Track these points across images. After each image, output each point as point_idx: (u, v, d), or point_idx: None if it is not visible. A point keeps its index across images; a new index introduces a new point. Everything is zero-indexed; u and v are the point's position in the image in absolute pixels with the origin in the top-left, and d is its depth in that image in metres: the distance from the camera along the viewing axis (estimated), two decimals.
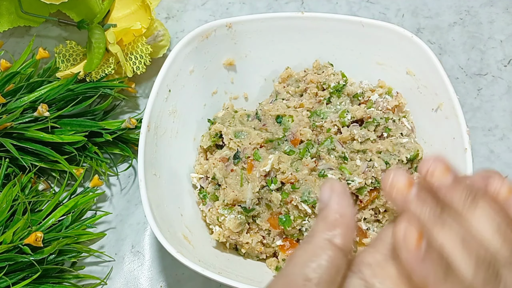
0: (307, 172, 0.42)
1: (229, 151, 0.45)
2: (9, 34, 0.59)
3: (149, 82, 0.56)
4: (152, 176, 0.42)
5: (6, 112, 0.47)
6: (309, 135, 0.43)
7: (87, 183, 0.50)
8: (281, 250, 0.43)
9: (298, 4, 0.61)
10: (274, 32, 0.48)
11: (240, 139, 0.44)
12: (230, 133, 0.45)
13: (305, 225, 0.42)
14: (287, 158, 0.42)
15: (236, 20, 0.47)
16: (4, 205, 0.44)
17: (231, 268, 0.41)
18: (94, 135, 0.50)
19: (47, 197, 0.47)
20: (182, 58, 0.46)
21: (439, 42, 0.58)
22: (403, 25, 0.58)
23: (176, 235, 0.41)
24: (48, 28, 0.59)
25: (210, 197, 0.44)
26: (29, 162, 0.47)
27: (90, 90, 0.51)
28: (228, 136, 0.45)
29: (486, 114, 0.54)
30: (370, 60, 0.48)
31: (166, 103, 0.45)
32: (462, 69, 0.56)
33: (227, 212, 0.42)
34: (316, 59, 0.49)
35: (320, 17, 0.47)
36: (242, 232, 0.43)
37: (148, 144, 0.42)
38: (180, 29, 0.59)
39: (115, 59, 0.52)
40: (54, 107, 0.49)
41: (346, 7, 0.60)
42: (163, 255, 0.48)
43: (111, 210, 0.50)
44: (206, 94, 0.49)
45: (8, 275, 0.41)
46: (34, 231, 0.42)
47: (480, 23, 0.59)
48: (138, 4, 0.52)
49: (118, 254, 0.48)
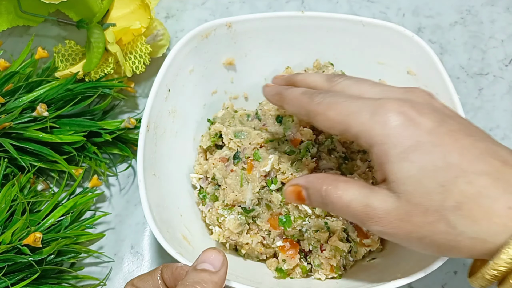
0: (308, 172, 0.42)
1: (229, 151, 0.45)
2: (8, 34, 0.58)
3: (149, 81, 0.56)
4: (152, 176, 0.42)
5: (4, 112, 0.47)
6: (310, 135, 0.43)
7: (86, 183, 0.50)
8: (281, 251, 0.42)
9: (299, 3, 0.61)
10: (274, 31, 0.48)
11: (240, 139, 0.44)
12: (230, 133, 0.45)
13: (305, 226, 0.42)
14: (287, 158, 0.42)
15: (236, 19, 0.47)
16: (3, 206, 0.44)
17: (230, 268, 0.41)
18: (93, 135, 0.50)
19: (46, 197, 0.47)
20: (182, 57, 0.46)
21: (440, 42, 0.58)
22: (403, 25, 0.57)
23: (175, 235, 0.41)
24: (47, 28, 0.59)
25: (210, 197, 0.44)
26: (28, 162, 0.47)
27: (89, 90, 0.50)
28: (228, 136, 0.45)
29: (487, 114, 0.54)
30: (370, 59, 0.48)
31: (165, 103, 0.45)
32: (463, 68, 0.56)
33: (227, 213, 0.42)
34: (317, 59, 0.48)
35: (321, 16, 0.47)
36: (242, 232, 0.42)
37: (147, 144, 0.42)
38: (179, 28, 0.59)
39: (114, 59, 0.52)
40: (53, 107, 0.49)
41: (346, 6, 0.60)
42: (162, 255, 0.48)
43: (110, 210, 0.50)
44: (205, 94, 0.49)
45: (7, 276, 0.41)
46: (33, 231, 0.42)
47: (481, 22, 0.59)
48: (137, 4, 0.52)
49: (117, 255, 0.48)
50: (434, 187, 0.29)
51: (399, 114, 0.31)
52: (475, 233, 0.29)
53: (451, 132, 0.30)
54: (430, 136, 0.30)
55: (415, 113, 0.31)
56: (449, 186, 0.29)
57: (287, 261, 0.42)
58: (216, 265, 0.33)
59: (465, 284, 0.46)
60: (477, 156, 0.29)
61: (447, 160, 0.29)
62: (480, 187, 0.28)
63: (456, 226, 0.29)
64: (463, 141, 0.30)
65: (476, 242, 0.29)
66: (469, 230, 0.29)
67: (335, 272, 0.41)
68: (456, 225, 0.29)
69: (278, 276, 0.42)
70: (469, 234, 0.29)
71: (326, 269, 0.41)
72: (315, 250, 0.42)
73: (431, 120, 0.31)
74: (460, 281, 0.46)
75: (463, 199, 0.29)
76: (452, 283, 0.46)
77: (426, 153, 0.30)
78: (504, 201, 0.28)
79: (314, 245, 0.42)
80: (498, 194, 0.28)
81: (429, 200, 0.29)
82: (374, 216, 0.31)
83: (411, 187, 0.30)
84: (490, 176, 0.29)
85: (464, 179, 0.29)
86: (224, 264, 0.34)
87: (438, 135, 0.30)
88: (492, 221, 0.28)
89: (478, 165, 0.29)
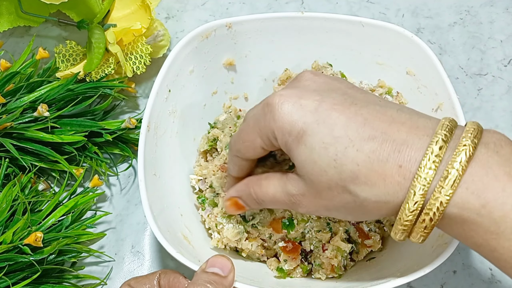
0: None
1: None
2: (9, 34, 0.59)
3: (149, 82, 0.56)
4: (152, 176, 0.42)
5: (6, 112, 0.47)
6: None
7: (87, 183, 0.50)
8: (283, 251, 0.42)
9: (298, 4, 0.61)
10: (274, 32, 0.48)
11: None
12: (224, 142, 0.45)
13: (307, 227, 0.42)
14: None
15: (236, 20, 0.47)
16: (4, 205, 0.44)
17: None
18: (94, 135, 0.50)
19: (47, 197, 0.47)
20: (182, 58, 0.46)
21: (439, 42, 0.58)
22: (403, 25, 0.58)
23: (176, 235, 0.41)
24: (48, 28, 0.59)
25: (209, 202, 0.44)
26: (29, 162, 0.47)
27: (90, 90, 0.51)
28: (222, 143, 0.45)
29: (486, 114, 0.54)
30: (370, 60, 0.48)
31: (166, 103, 0.45)
32: (462, 69, 0.56)
33: (225, 221, 0.42)
34: (315, 60, 0.49)
35: (320, 17, 0.47)
36: (241, 240, 0.42)
37: (148, 144, 0.42)
38: (180, 29, 0.59)
39: (115, 59, 0.52)
40: (54, 107, 0.49)
41: (346, 7, 0.60)
42: (163, 255, 0.48)
43: (111, 210, 0.50)
44: (206, 94, 0.49)
45: (8, 275, 0.41)
46: (34, 231, 0.42)
47: (480, 23, 0.59)
48: (138, 4, 0.52)
49: (118, 254, 0.48)
50: (328, 163, 0.30)
51: (283, 104, 0.32)
52: (377, 197, 0.30)
53: (334, 106, 0.31)
54: (314, 115, 0.31)
55: (297, 98, 0.32)
56: (341, 159, 0.30)
57: (289, 262, 0.42)
58: (225, 271, 0.34)
59: (465, 284, 0.46)
60: (362, 123, 0.30)
61: (334, 134, 0.30)
62: (369, 152, 0.29)
63: (357, 194, 0.30)
64: (347, 112, 0.31)
65: (380, 205, 0.30)
66: (370, 195, 0.30)
67: (335, 272, 0.41)
68: (357, 193, 0.30)
69: (279, 275, 0.42)
70: (372, 198, 0.30)
71: (327, 269, 0.41)
72: (316, 250, 0.42)
73: (313, 100, 0.32)
74: (459, 280, 0.46)
75: (356, 167, 0.30)
76: (451, 283, 0.46)
77: (314, 133, 0.31)
78: (393, 161, 0.29)
79: (315, 245, 0.42)
80: (387, 155, 0.29)
81: (326, 176, 0.31)
82: (296, 201, 0.34)
83: (309, 168, 0.31)
84: (377, 139, 0.30)
85: (352, 149, 0.30)
86: (232, 271, 0.35)
87: (321, 112, 0.31)
88: (387, 182, 0.29)
89: (364, 131, 0.30)
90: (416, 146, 0.29)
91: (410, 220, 0.29)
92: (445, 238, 0.37)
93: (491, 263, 0.30)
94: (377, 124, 0.30)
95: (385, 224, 0.44)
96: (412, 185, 0.29)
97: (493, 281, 0.46)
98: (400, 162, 0.29)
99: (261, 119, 0.33)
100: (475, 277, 0.46)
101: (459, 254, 0.47)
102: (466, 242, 0.30)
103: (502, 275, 0.46)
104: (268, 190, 0.35)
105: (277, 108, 0.32)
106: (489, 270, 0.46)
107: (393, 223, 0.43)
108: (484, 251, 0.29)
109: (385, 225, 0.44)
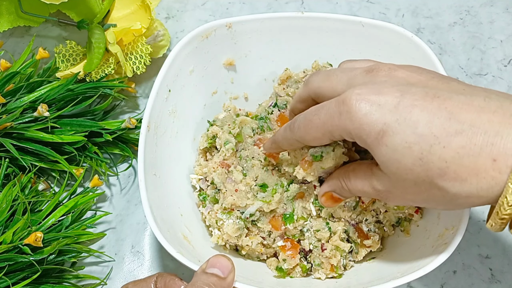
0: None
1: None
2: (9, 34, 0.59)
3: (149, 82, 0.56)
4: (152, 176, 0.42)
5: (6, 112, 0.47)
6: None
7: (87, 183, 0.50)
8: (282, 250, 0.42)
9: (298, 4, 0.61)
10: (274, 32, 0.48)
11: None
12: (223, 139, 0.45)
13: (306, 226, 0.42)
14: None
15: (236, 20, 0.47)
16: (4, 205, 0.44)
17: None
18: (94, 135, 0.50)
19: (47, 197, 0.47)
20: (182, 58, 0.46)
21: (439, 42, 0.58)
22: (403, 25, 0.58)
23: (176, 235, 0.41)
24: (48, 28, 0.59)
25: (210, 199, 0.44)
26: (29, 162, 0.47)
27: (90, 90, 0.51)
28: (221, 140, 0.45)
29: None
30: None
31: (166, 103, 0.45)
32: (462, 69, 0.56)
33: (226, 217, 0.42)
34: (315, 60, 0.49)
35: (320, 17, 0.47)
36: (241, 236, 0.42)
37: (148, 144, 0.42)
38: (180, 29, 0.59)
39: (115, 59, 0.52)
40: (54, 107, 0.49)
41: (346, 7, 0.60)
42: (163, 255, 0.48)
43: (111, 210, 0.50)
44: (206, 94, 0.49)
45: (8, 275, 0.41)
46: (34, 231, 0.42)
47: (480, 23, 0.59)
48: (138, 4, 0.52)
49: (118, 254, 0.48)
50: (413, 162, 0.30)
51: (360, 104, 0.31)
52: (468, 192, 0.29)
53: (415, 102, 0.30)
54: (395, 114, 0.30)
55: (375, 96, 0.31)
56: (427, 157, 0.29)
57: (288, 261, 0.42)
58: (224, 272, 0.34)
59: (465, 284, 0.46)
60: (447, 117, 0.29)
61: (417, 132, 0.29)
62: (457, 148, 0.28)
63: (447, 190, 0.29)
64: (429, 107, 0.29)
65: (472, 199, 0.29)
66: (461, 191, 0.29)
67: (335, 272, 0.42)
68: (447, 189, 0.29)
69: (278, 275, 0.42)
70: (463, 193, 0.29)
71: (327, 269, 0.41)
72: (315, 250, 0.42)
73: (392, 97, 0.30)
74: (459, 280, 0.46)
75: (444, 164, 0.29)
76: (451, 283, 0.46)
77: (395, 134, 0.30)
78: (486, 155, 0.28)
79: (315, 245, 0.42)
80: (478, 149, 0.28)
81: (412, 174, 0.30)
82: (383, 196, 0.34)
83: (394, 168, 0.31)
84: (465, 133, 0.28)
85: (439, 146, 0.29)
86: (232, 271, 0.35)
87: (402, 110, 0.30)
88: (479, 177, 0.28)
89: (450, 126, 0.29)
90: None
91: (508, 213, 0.28)
92: (445, 238, 0.37)
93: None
94: (463, 116, 0.29)
95: (385, 224, 0.44)
96: (510, 179, 0.27)
97: (493, 281, 0.46)
98: (495, 155, 0.27)
99: (335, 117, 0.32)
100: (475, 277, 0.46)
101: (459, 254, 0.47)
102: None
103: (502, 275, 0.46)
104: (357, 184, 0.36)
105: (354, 109, 0.31)
106: (489, 270, 0.46)
107: (393, 223, 0.43)
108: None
109: (385, 225, 0.44)
